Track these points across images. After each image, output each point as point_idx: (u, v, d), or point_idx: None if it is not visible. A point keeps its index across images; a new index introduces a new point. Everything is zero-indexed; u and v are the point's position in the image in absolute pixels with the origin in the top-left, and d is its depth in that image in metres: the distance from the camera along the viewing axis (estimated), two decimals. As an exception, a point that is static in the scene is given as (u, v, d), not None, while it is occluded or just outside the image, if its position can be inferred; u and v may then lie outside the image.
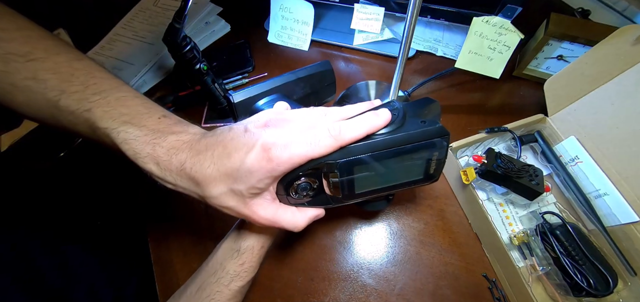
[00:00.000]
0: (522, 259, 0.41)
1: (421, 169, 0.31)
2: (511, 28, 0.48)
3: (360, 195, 0.31)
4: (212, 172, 0.27)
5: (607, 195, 0.41)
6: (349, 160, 0.28)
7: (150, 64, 0.66)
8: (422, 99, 0.35)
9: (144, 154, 0.28)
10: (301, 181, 0.28)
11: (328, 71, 0.45)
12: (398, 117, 0.29)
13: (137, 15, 0.74)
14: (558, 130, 0.47)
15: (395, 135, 0.28)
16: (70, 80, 0.28)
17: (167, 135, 0.28)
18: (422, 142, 0.28)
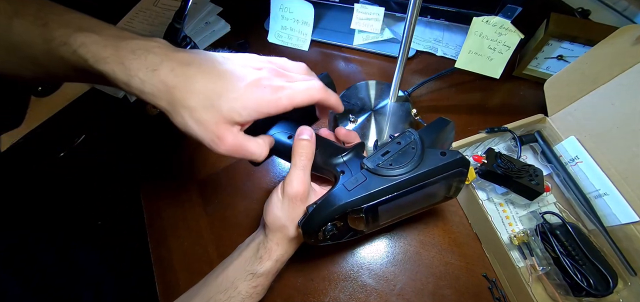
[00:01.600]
0: (522, 259, 0.41)
1: (442, 194, 0.32)
2: (511, 28, 0.48)
3: (384, 224, 0.32)
4: (197, 81, 0.26)
5: (607, 195, 0.41)
6: (373, 204, 0.29)
7: (150, 64, 0.66)
8: (437, 122, 0.35)
9: (105, 55, 0.25)
10: (328, 225, 0.29)
11: (328, 85, 0.44)
12: (417, 152, 0.30)
13: (137, 15, 0.74)
14: (558, 130, 0.47)
15: (417, 172, 0.29)
16: (23, 5, 0.27)
17: (132, 39, 0.26)
18: (444, 174, 0.29)
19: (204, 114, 0.26)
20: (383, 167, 0.30)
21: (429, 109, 0.58)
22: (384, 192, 0.28)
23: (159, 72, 0.25)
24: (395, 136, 0.33)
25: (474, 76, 0.53)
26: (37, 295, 0.46)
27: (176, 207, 0.51)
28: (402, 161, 0.30)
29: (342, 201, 0.28)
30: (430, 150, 0.30)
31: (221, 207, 0.50)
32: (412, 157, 0.30)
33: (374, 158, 0.31)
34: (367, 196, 0.28)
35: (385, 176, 0.29)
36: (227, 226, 0.49)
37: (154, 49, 0.26)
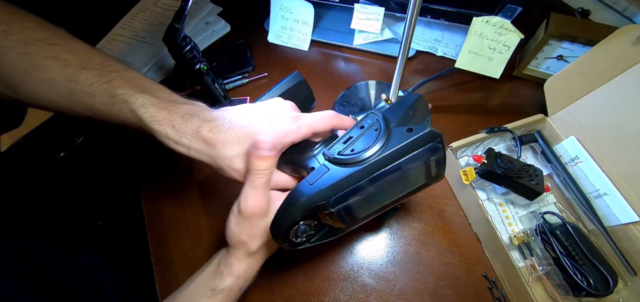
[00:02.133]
0: (522, 259, 0.41)
1: (422, 175, 0.28)
2: (511, 28, 0.48)
3: (364, 218, 0.29)
4: (230, 135, 0.31)
5: (607, 195, 0.41)
6: (339, 195, 0.26)
7: (150, 64, 0.66)
8: (404, 99, 0.32)
9: (160, 117, 0.31)
10: (300, 225, 0.28)
11: (300, 83, 0.42)
12: (380, 133, 0.27)
13: (137, 15, 0.74)
14: (558, 130, 0.47)
15: (382, 154, 0.26)
16: (89, 60, 0.32)
17: (181, 104, 0.32)
18: (413, 153, 0.26)
19: (238, 162, 0.31)
20: (344, 155, 0.27)
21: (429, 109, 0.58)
22: (347, 181, 0.26)
23: (201, 133, 0.31)
24: (358, 119, 0.30)
25: (474, 76, 0.53)
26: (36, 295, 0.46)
27: (176, 208, 0.51)
28: (365, 144, 0.27)
29: (303, 196, 0.26)
30: (396, 129, 0.28)
31: (221, 207, 0.50)
32: (374, 139, 0.27)
33: (335, 146, 0.28)
34: (329, 187, 0.26)
35: (347, 163, 0.26)
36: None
37: (197, 113, 0.32)
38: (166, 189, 0.53)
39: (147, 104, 0.31)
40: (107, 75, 0.31)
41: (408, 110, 0.31)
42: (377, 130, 0.28)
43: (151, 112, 0.31)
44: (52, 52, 0.31)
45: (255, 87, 0.64)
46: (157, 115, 0.31)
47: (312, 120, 0.32)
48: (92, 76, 0.31)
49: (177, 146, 0.31)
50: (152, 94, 0.32)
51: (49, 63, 0.31)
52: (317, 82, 0.64)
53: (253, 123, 0.32)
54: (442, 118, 0.57)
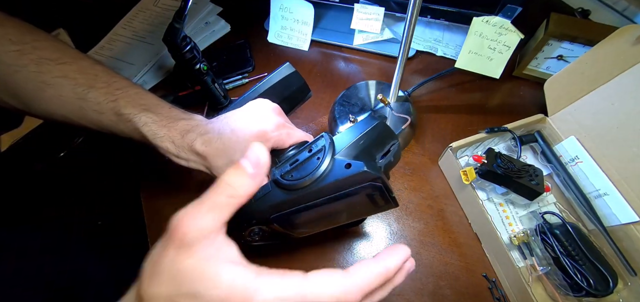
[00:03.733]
0: (522, 259, 0.41)
1: (364, 205, 0.27)
2: (511, 28, 0.48)
3: (312, 231, 0.30)
4: (218, 147, 0.33)
5: (607, 195, 0.41)
6: (279, 215, 0.28)
7: (150, 64, 0.66)
8: (364, 122, 0.31)
9: (161, 134, 0.33)
10: (254, 227, 0.29)
11: (291, 74, 0.41)
12: (321, 163, 0.27)
13: (137, 15, 0.74)
14: (558, 130, 0.47)
15: (317, 187, 0.26)
16: (95, 79, 0.34)
17: (178, 120, 0.34)
18: (345, 191, 0.26)
19: None
20: (285, 179, 0.27)
21: (429, 109, 0.58)
22: (286, 205, 0.27)
23: (195, 147, 0.33)
24: (310, 142, 0.31)
25: (474, 76, 0.53)
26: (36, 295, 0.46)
27: (176, 207, 0.51)
28: (303, 172, 0.27)
29: (245, 210, 0.25)
30: (338, 160, 0.27)
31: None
32: (314, 168, 0.26)
33: (281, 167, 0.29)
34: (269, 207, 0.28)
35: (286, 188, 0.27)
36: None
37: (193, 128, 0.34)
38: (166, 188, 0.53)
39: (150, 123, 0.33)
40: (113, 94, 0.34)
41: (360, 138, 0.29)
42: (319, 160, 0.27)
43: (153, 129, 0.33)
44: (62, 72, 0.33)
45: (255, 87, 0.64)
46: (159, 132, 0.33)
47: (294, 131, 0.36)
48: (100, 95, 0.34)
49: (178, 160, 0.35)
50: (153, 111, 0.34)
51: (60, 81, 0.33)
52: (317, 82, 0.64)
53: (239, 134, 0.34)
54: (442, 118, 0.57)
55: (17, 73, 0.32)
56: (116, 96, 0.34)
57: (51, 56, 0.33)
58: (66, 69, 0.33)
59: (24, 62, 0.32)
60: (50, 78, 0.33)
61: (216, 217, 0.22)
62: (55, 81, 0.33)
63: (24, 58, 0.32)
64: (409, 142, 0.54)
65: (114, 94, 0.34)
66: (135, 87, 0.36)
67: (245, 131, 0.34)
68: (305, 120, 0.58)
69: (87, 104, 0.34)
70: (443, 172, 0.51)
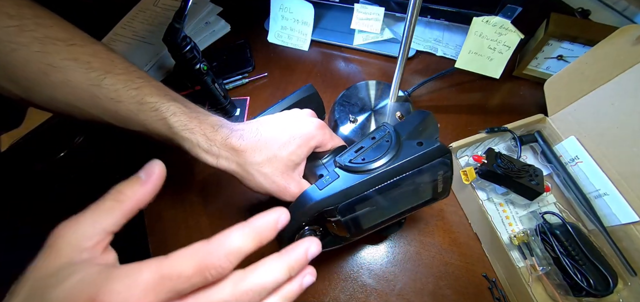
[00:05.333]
0: (522, 259, 0.41)
1: (429, 190, 0.29)
2: (511, 28, 0.48)
3: (369, 229, 0.29)
4: (258, 140, 0.31)
5: (607, 195, 0.41)
6: (348, 203, 0.26)
7: (150, 64, 0.66)
8: (415, 114, 0.33)
9: (192, 126, 0.31)
10: (305, 230, 0.28)
11: (313, 95, 0.43)
12: (391, 144, 0.28)
13: (137, 15, 0.74)
14: (558, 130, 0.47)
15: (393, 165, 0.26)
16: (112, 65, 0.31)
17: (209, 115, 0.33)
18: (422, 167, 0.27)
19: (268, 167, 0.31)
20: (355, 163, 0.28)
21: (429, 109, 0.58)
22: (357, 189, 0.26)
23: (230, 141, 0.31)
24: (370, 132, 0.31)
25: (474, 76, 0.53)
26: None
27: (176, 208, 0.51)
28: (375, 154, 0.28)
29: (312, 200, 0.26)
30: (407, 142, 0.28)
31: (221, 206, 0.50)
32: (386, 150, 0.27)
33: (347, 155, 0.29)
34: (339, 193, 0.26)
35: (358, 171, 0.27)
36: (227, 226, 0.49)
37: (225, 124, 0.33)
38: (166, 188, 0.53)
39: (179, 113, 0.31)
40: (134, 81, 0.31)
41: (418, 126, 0.31)
42: (388, 142, 0.28)
43: (183, 120, 0.31)
44: (72, 54, 0.29)
45: (255, 87, 0.64)
46: (189, 124, 0.31)
47: (333, 134, 0.35)
48: (119, 82, 0.30)
49: (207, 156, 0.32)
50: (181, 102, 0.32)
51: (69, 64, 0.29)
52: (317, 82, 0.64)
53: (285, 130, 0.32)
54: (442, 118, 0.57)
55: (16, 52, 0.28)
56: (138, 84, 0.31)
57: (59, 36, 0.29)
58: (77, 51, 0.29)
59: (25, 40, 0.28)
60: (58, 60, 0.29)
61: (97, 222, 0.21)
62: (64, 64, 0.29)
63: (25, 35, 0.28)
64: (409, 142, 0.54)
65: (136, 82, 0.31)
66: (157, 81, 0.33)
67: (291, 127, 0.32)
68: (305, 120, 0.58)
69: (101, 92, 0.30)
70: (443, 172, 0.51)
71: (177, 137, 0.32)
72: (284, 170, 0.32)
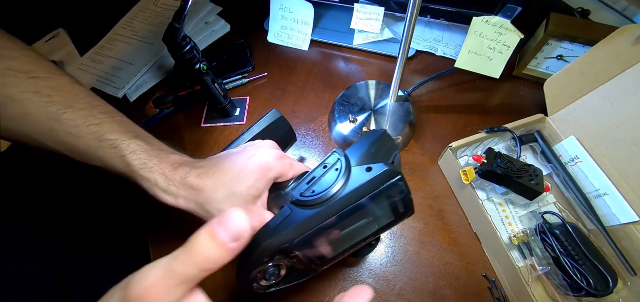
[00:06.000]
0: (522, 259, 0.41)
1: (387, 212, 0.27)
2: (511, 28, 0.48)
3: (333, 258, 0.29)
4: (216, 179, 0.30)
5: (607, 195, 0.41)
6: (303, 238, 0.25)
7: (150, 64, 0.66)
8: (368, 135, 0.32)
9: (151, 165, 0.31)
10: (269, 267, 0.27)
11: (279, 120, 0.42)
12: (341, 172, 0.27)
13: (137, 15, 0.74)
14: (558, 130, 0.47)
15: (342, 195, 0.26)
16: (76, 99, 0.31)
17: (170, 153, 0.32)
18: (372, 193, 0.25)
19: (227, 204, 0.31)
20: (306, 197, 0.27)
21: (429, 109, 0.58)
22: (309, 224, 0.25)
23: (189, 180, 0.30)
24: (323, 159, 0.30)
25: (474, 76, 0.53)
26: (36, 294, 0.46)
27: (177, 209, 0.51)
28: (325, 186, 0.27)
29: (266, 240, 0.25)
30: (356, 168, 0.27)
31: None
32: (335, 179, 0.26)
33: (299, 187, 0.28)
34: (292, 230, 0.25)
35: (310, 205, 0.26)
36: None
37: (186, 163, 0.32)
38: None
39: (139, 151, 0.31)
40: (96, 117, 0.31)
41: (371, 148, 0.30)
42: (338, 170, 0.27)
43: (142, 159, 0.30)
44: (33, 86, 0.29)
45: (255, 87, 0.64)
46: (149, 163, 0.30)
47: (295, 162, 0.34)
48: (80, 117, 0.30)
49: (165, 195, 0.31)
50: (143, 139, 0.32)
51: (29, 98, 0.29)
52: (317, 82, 0.64)
53: (241, 163, 0.31)
54: (442, 118, 0.57)
55: None
56: (100, 120, 0.31)
57: (22, 68, 0.29)
58: (39, 84, 0.29)
59: None
60: (18, 93, 0.29)
61: (183, 291, 0.19)
62: (23, 97, 0.29)
63: None
64: (409, 142, 0.54)
65: (98, 118, 0.31)
66: (121, 116, 0.33)
67: (248, 162, 0.31)
68: (305, 120, 0.58)
69: (61, 126, 0.30)
70: (443, 172, 0.51)
71: (136, 176, 0.31)
72: (244, 205, 0.31)
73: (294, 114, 0.59)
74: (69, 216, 0.59)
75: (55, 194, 0.58)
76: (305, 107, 0.60)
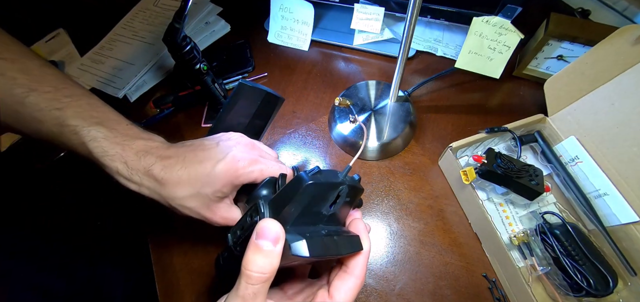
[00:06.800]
0: (522, 259, 0.41)
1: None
2: (511, 28, 0.48)
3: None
4: (181, 175, 0.30)
5: (607, 195, 0.41)
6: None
7: (150, 64, 0.66)
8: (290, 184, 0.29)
9: (112, 153, 0.30)
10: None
11: (247, 91, 0.38)
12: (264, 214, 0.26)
13: (137, 15, 0.74)
14: (558, 130, 0.47)
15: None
16: (40, 82, 0.29)
17: (136, 139, 0.31)
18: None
19: (191, 202, 0.31)
20: (237, 248, 0.27)
21: (429, 109, 0.58)
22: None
23: (152, 171, 0.30)
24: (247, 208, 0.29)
25: (474, 76, 0.53)
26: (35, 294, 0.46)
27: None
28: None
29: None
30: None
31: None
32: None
33: (235, 232, 0.28)
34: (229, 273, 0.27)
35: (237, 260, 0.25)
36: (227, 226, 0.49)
37: (152, 150, 0.31)
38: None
39: (100, 138, 0.30)
40: (59, 101, 0.29)
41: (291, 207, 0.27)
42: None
43: (103, 146, 0.30)
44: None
45: (255, 87, 0.64)
46: (110, 151, 0.30)
47: (251, 171, 0.32)
48: (43, 100, 0.29)
49: (128, 183, 0.31)
50: (106, 126, 0.30)
51: None
52: (317, 82, 0.64)
53: (209, 163, 0.31)
54: (442, 118, 0.57)
55: None
56: (63, 104, 0.29)
57: None
58: (5, 66, 0.29)
59: None
60: None
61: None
62: None
63: None
64: (409, 142, 0.54)
65: (61, 101, 0.29)
66: (90, 98, 0.31)
67: (215, 165, 0.30)
68: (305, 120, 0.58)
69: (25, 109, 0.29)
70: (443, 172, 0.51)
71: (98, 163, 0.30)
72: (210, 204, 0.31)
73: (294, 114, 0.59)
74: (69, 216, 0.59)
75: (55, 194, 0.58)
76: (305, 107, 0.60)
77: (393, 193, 0.50)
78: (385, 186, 0.50)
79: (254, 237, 0.22)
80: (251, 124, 0.40)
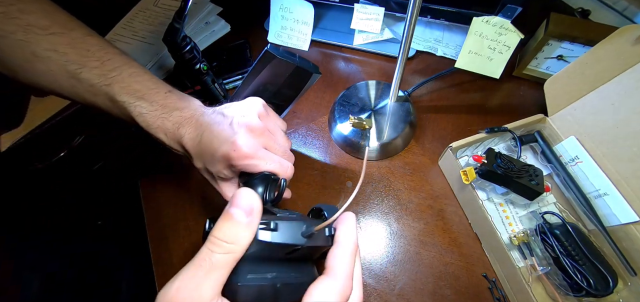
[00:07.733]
0: (522, 259, 0.41)
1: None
2: (511, 28, 0.48)
3: None
4: (199, 149, 0.33)
5: (607, 195, 0.41)
6: None
7: (150, 64, 0.66)
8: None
9: (155, 126, 0.33)
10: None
11: (273, 63, 0.34)
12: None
13: (137, 15, 0.74)
14: (558, 130, 0.47)
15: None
16: (87, 56, 0.31)
17: (173, 110, 0.33)
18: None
19: (206, 174, 0.36)
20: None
21: (429, 109, 0.58)
22: None
23: (183, 142, 0.33)
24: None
25: (474, 76, 0.53)
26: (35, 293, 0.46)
27: (176, 207, 0.51)
28: None
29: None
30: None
31: (221, 205, 0.50)
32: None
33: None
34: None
35: None
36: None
37: (186, 121, 0.33)
38: (166, 188, 0.53)
39: (144, 113, 0.33)
40: (106, 77, 0.32)
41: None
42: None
43: (147, 120, 0.33)
44: (51, 44, 0.30)
45: (255, 87, 0.64)
46: (152, 124, 0.33)
47: (247, 165, 0.32)
48: (93, 76, 0.31)
49: (171, 148, 0.35)
50: (147, 99, 0.33)
51: (49, 55, 0.30)
52: (317, 82, 0.63)
53: (213, 141, 0.32)
54: (442, 118, 0.57)
55: (4, 39, 0.29)
56: (110, 80, 0.32)
57: (39, 24, 0.30)
58: (56, 41, 0.30)
59: (10, 28, 0.29)
60: (40, 50, 0.30)
61: (215, 281, 0.19)
62: (46, 55, 0.30)
63: (10, 23, 0.29)
64: (409, 142, 0.54)
65: (108, 77, 0.32)
66: (131, 66, 0.33)
67: (218, 148, 0.31)
68: (305, 120, 0.58)
69: (80, 84, 0.31)
70: (443, 172, 0.51)
71: (144, 131, 0.34)
72: (217, 180, 0.36)
73: (294, 114, 0.59)
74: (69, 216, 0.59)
75: (55, 194, 0.58)
76: (305, 107, 0.60)
77: (393, 193, 0.50)
78: (385, 186, 0.50)
79: (228, 206, 0.21)
80: (279, 93, 0.38)
